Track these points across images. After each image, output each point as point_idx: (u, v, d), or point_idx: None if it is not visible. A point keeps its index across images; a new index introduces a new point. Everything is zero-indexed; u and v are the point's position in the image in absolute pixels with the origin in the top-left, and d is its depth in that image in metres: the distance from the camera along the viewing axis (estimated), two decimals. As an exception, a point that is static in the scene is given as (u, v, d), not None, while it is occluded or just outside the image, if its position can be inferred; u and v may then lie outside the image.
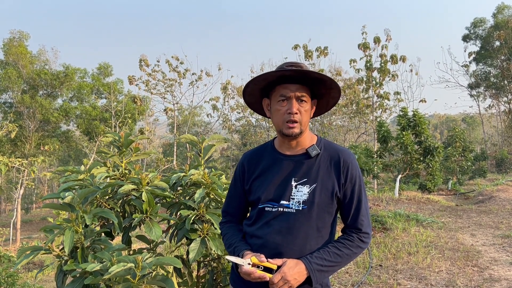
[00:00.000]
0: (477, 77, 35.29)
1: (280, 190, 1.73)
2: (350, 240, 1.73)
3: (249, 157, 1.90)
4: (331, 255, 1.68)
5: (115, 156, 2.57)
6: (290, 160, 1.77)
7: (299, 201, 1.70)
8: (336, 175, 1.74)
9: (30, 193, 38.46)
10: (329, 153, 1.78)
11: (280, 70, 1.69)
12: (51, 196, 2.37)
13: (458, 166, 20.10)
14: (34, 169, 17.73)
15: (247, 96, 1.87)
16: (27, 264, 11.03)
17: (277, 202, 1.72)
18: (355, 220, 1.75)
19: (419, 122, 15.31)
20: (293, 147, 1.78)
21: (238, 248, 1.74)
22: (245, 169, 1.87)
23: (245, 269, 1.61)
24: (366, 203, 1.79)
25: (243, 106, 30.55)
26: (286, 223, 1.69)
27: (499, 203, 11.80)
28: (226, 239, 1.87)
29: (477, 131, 49.35)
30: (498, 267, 5.68)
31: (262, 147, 1.92)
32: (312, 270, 1.63)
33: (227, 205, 1.97)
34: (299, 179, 1.73)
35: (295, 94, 1.69)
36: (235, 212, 1.94)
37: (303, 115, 1.71)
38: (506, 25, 30.65)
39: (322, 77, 1.71)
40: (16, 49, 27.20)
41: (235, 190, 1.92)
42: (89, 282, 1.78)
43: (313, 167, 1.74)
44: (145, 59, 28.02)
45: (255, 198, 1.79)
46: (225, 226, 1.94)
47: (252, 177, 1.83)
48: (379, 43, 24.54)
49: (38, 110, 27.10)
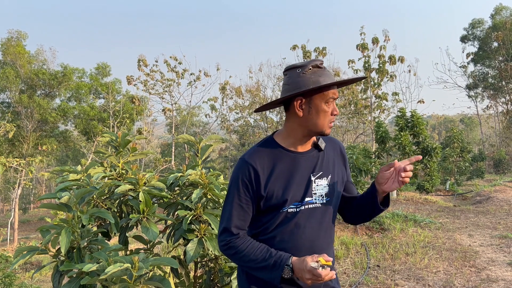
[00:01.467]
0: (475, 78, 35.36)
1: (303, 188, 1.73)
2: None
3: (258, 159, 1.72)
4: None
5: (112, 156, 2.56)
6: (303, 157, 1.78)
7: (321, 195, 1.75)
8: (343, 163, 1.88)
9: (28, 193, 38.39)
10: (330, 143, 1.87)
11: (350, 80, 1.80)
12: (48, 196, 2.36)
13: (456, 167, 20.13)
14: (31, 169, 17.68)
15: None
16: (24, 264, 11.00)
17: (300, 201, 1.72)
18: (354, 191, 1.92)
19: (417, 123, 15.32)
20: (307, 144, 1.80)
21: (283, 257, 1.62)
22: (258, 173, 1.69)
23: (325, 273, 1.53)
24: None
25: (241, 107, 30.56)
26: (315, 219, 1.73)
27: (496, 203, 11.82)
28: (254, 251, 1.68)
29: (475, 132, 49.44)
30: (495, 268, 5.69)
31: (265, 147, 1.77)
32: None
33: (237, 219, 1.72)
34: (316, 173, 1.77)
35: (335, 97, 1.75)
36: (246, 225, 1.75)
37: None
38: (504, 26, 30.71)
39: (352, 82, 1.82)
40: (14, 48, 27.13)
41: (246, 199, 1.71)
42: (85, 282, 1.77)
43: (324, 159, 1.80)
44: (144, 59, 28.02)
45: (278, 201, 1.68)
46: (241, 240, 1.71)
47: (270, 180, 1.69)
48: (377, 43, 24.56)
49: (36, 110, 27.04)
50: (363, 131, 29.10)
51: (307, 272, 1.55)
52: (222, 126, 32.45)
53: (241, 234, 1.73)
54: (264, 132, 30.56)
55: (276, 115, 31.04)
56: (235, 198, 1.72)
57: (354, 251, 6.49)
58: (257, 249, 1.67)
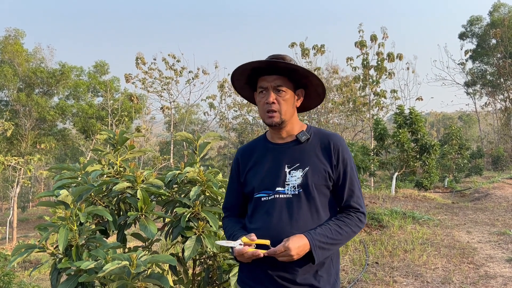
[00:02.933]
0: (474, 75, 35.37)
1: (274, 177, 1.76)
2: (349, 218, 1.75)
3: (242, 151, 1.94)
4: (333, 232, 1.68)
5: (110, 154, 2.56)
6: (281, 148, 1.81)
7: (294, 186, 1.72)
8: (327, 157, 1.77)
9: (26, 191, 38.35)
10: (319, 137, 1.82)
11: (249, 62, 1.75)
12: (45, 194, 2.36)
13: (455, 164, 20.17)
14: (30, 167, 17.68)
15: (241, 91, 1.93)
16: (23, 262, 11.00)
17: (272, 190, 1.74)
18: (351, 200, 1.77)
19: (416, 120, 15.33)
20: (283, 136, 1.82)
21: (236, 235, 1.74)
22: (239, 162, 1.90)
23: (237, 249, 1.63)
24: (359, 185, 1.83)
25: (240, 104, 30.54)
26: (285, 209, 1.71)
27: (495, 200, 11.85)
28: (226, 232, 1.88)
29: (474, 129, 49.50)
30: (493, 264, 5.70)
31: (255, 140, 1.96)
32: (315, 247, 1.62)
33: (226, 201, 1.99)
34: (292, 165, 1.76)
35: (271, 85, 1.74)
36: (234, 207, 1.95)
37: (282, 105, 1.74)
38: (502, 23, 30.71)
39: (293, 67, 1.73)
40: (11, 47, 27.06)
41: (232, 185, 1.95)
42: (83, 280, 1.77)
43: (304, 152, 1.78)
44: (142, 57, 27.97)
45: (250, 188, 1.81)
46: (225, 220, 1.95)
47: (246, 169, 1.86)
48: (375, 41, 24.58)
49: (34, 108, 27.00)
50: (362, 128, 29.13)
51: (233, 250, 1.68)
52: (221, 124, 32.44)
53: (228, 215, 1.96)
54: (263, 130, 30.53)
55: (274, 112, 30.94)
56: (228, 183, 1.99)
57: (352, 248, 6.50)
58: (229, 228, 1.86)
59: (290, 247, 1.57)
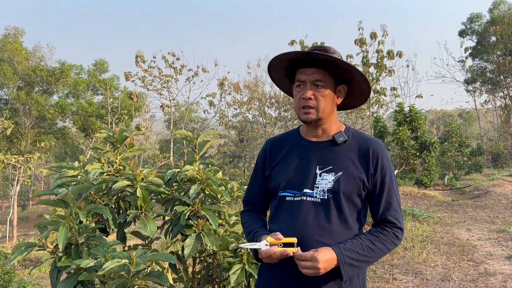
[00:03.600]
0: (473, 72, 35.32)
1: (303, 177, 1.63)
2: (384, 234, 1.60)
3: (271, 142, 1.81)
4: (364, 248, 1.54)
5: (109, 152, 2.56)
6: (315, 147, 1.68)
7: (323, 190, 1.59)
8: (364, 164, 1.62)
9: (26, 190, 38.37)
10: (358, 141, 1.67)
11: (286, 53, 1.62)
12: (45, 192, 2.35)
13: (454, 161, 20.17)
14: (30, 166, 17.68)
15: (279, 83, 1.82)
16: (24, 261, 11.01)
17: (299, 190, 1.61)
18: (388, 213, 1.63)
19: (416, 118, 15.33)
20: (319, 135, 1.69)
21: (257, 234, 1.64)
22: (267, 155, 1.78)
23: (263, 250, 1.50)
24: (398, 197, 1.68)
25: (240, 102, 30.51)
26: (311, 213, 1.58)
27: (494, 197, 11.86)
28: (245, 227, 1.78)
29: (473, 126, 49.45)
30: (493, 262, 5.71)
31: (286, 133, 1.83)
32: (343, 263, 1.49)
33: (248, 193, 1.89)
34: (324, 167, 1.62)
35: (309, 79, 1.61)
36: (256, 202, 1.85)
37: (319, 101, 1.61)
38: (502, 20, 30.65)
39: (333, 60, 1.57)
40: (11, 45, 27.01)
41: (256, 177, 1.84)
42: (83, 278, 1.77)
43: (339, 155, 1.64)
44: (141, 55, 27.90)
45: (274, 185, 1.69)
46: (245, 215, 1.86)
47: (273, 163, 1.74)
48: (375, 38, 24.51)
49: (34, 107, 26.97)
50: (362, 126, 29.09)
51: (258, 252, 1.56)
52: (221, 122, 32.39)
53: (248, 209, 1.87)
54: (263, 128, 30.54)
55: (274, 110, 31.01)
56: (252, 175, 1.87)
57: (352, 245, 6.51)
58: (249, 224, 1.77)
59: (318, 259, 1.44)
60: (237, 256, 2.50)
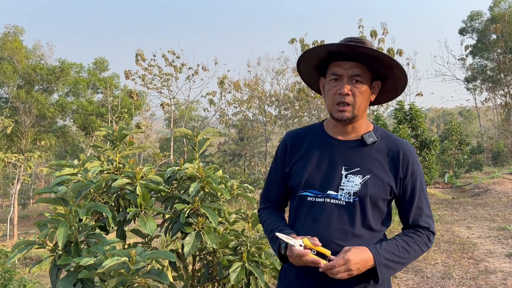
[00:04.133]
0: (474, 70, 35.29)
1: (327, 177, 1.53)
2: (418, 235, 1.53)
3: (293, 136, 1.69)
4: (400, 249, 1.47)
5: (109, 150, 2.56)
6: (341, 146, 1.57)
7: (349, 192, 1.50)
8: (393, 168, 1.54)
9: (27, 188, 38.38)
10: (387, 143, 1.58)
11: (327, 45, 1.50)
12: (44, 190, 2.36)
13: (455, 159, 20.15)
14: (30, 164, 17.67)
15: (304, 76, 1.71)
16: (24, 259, 11.02)
17: (322, 191, 1.52)
18: (420, 219, 1.55)
19: (416, 116, 15.32)
20: (348, 132, 1.58)
21: (284, 232, 1.52)
22: (287, 149, 1.67)
23: (298, 250, 1.40)
24: (428, 202, 1.61)
25: (240, 101, 30.50)
26: (335, 217, 1.49)
27: (495, 195, 11.85)
28: (267, 225, 1.67)
29: (474, 125, 49.45)
30: (493, 259, 5.71)
31: (309, 127, 1.72)
32: (380, 264, 1.41)
33: (266, 190, 1.78)
34: (350, 168, 1.53)
35: (347, 73, 1.50)
36: (275, 199, 1.75)
37: (357, 97, 1.50)
38: (502, 18, 30.61)
39: (378, 55, 1.48)
40: (11, 44, 26.99)
41: (275, 173, 1.72)
42: (83, 276, 1.77)
43: (367, 156, 1.54)
44: (141, 54, 27.86)
45: (295, 183, 1.59)
46: (264, 212, 1.75)
47: (294, 159, 1.63)
48: (375, 36, 24.49)
49: (34, 105, 26.96)
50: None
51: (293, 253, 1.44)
52: (221, 120, 32.37)
53: (267, 206, 1.77)
54: (263, 126, 30.53)
55: (274, 109, 30.99)
56: (271, 170, 1.76)
57: (352, 244, 6.52)
58: (271, 221, 1.66)
59: (350, 259, 1.37)
60: (237, 254, 2.50)
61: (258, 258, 2.49)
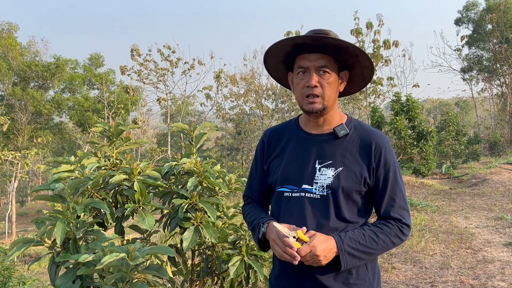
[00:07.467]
0: (470, 60, 35.29)
1: (301, 172, 1.55)
2: (388, 226, 1.52)
3: (270, 133, 1.72)
4: (366, 239, 1.47)
5: (105, 146, 2.54)
6: (314, 140, 1.59)
7: (322, 186, 1.51)
8: (366, 159, 1.53)
9: (24, 186, 38.32)
10: (360, 134, 1.57)
11: (291, 37, 1.50)
12: (41, 187, 2.34)
13: (452, 150, 20.21)
14: (27, 161, 17.64)
15: (273, 72, 1.71)
16: (23, 257, 11.02)
17: (297, 186, 1.54)
18: (392, 210, 1.54)
19: (413, 107, 15.34)
20: (320, 125, 1.60)
21: (263, 219, 1.57)
22: (265, 146, 1.70)
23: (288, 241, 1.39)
24: (403, 192, 1.58)
25: (237, 95, 30.45)
26: (309, 211, 1.51)
27: (492, 185, 11.91)
28: (249, 217, 1.69)
29: (470, 115, 49.54)
30: (491, 249, 5.74)
31: (285, 123, 1.74)
32: (343, 251, 1.43)
33: (247, 188, 1.80)
34: (323, 161, 1.54)
35: (314, 65, 1.50)
36: (257, 197, 1.77)
37: (325, 88, 1.51)
38: (498, 8, 30.55)
39: (342, 43, 1.49)
40: (5, 40, 26.78)
41: (255, 171, 1.75)
42: (82, 273, 1.77)
43: (340, 149, 1.55)
44: (137, 49, 27.72)
45: (272, 179, 1.63)
46: (246, 206, 1.77)
47: (272, 156, 1.66)
48: (371, 28, 24.42)
49: (29, 102, 26.83)
50: (359, 116, 29.10)
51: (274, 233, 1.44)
52: (218, 114, 32.33)
53: (250, 201, 1.79)
54: (260, 120, 30.51)
55: (271, 102, 30.97)
56: (251, 168, 1.79)
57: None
58: (253, 214, 1.69)
59: (315, 246, 1.38)
60: (236, 248, 2.50)
61: (257, 251, 2.50)
